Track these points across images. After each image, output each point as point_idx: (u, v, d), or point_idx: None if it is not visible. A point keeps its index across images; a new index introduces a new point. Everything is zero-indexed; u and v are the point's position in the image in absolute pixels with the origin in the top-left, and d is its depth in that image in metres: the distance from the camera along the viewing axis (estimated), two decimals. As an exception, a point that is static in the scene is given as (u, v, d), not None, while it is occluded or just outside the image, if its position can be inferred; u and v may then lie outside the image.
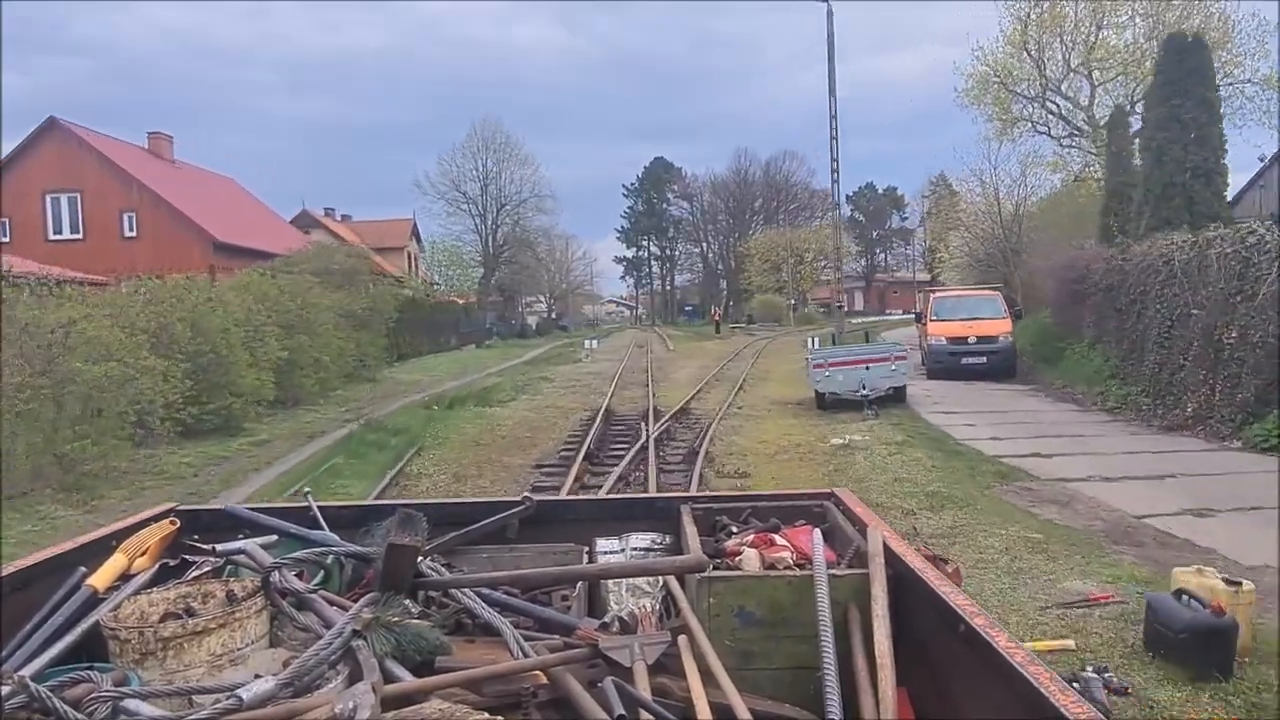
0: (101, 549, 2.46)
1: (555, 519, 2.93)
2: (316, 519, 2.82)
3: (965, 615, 1.80)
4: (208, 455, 13.35)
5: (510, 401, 19.62)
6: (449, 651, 2.05)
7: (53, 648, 2.01)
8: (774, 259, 73.14)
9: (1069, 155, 30.03)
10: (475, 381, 25.05)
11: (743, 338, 49.47)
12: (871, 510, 2.65)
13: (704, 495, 3.10)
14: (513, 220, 63.22)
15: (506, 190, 62.64)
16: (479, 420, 16.44)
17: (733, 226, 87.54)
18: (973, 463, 10.86)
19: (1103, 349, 17.47)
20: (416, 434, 14.30)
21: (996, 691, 1.64)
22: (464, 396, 19.82)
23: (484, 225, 62.35)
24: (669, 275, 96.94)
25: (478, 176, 61.80)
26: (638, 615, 2.31)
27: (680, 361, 32.49)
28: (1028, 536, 7.35)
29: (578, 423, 15.69)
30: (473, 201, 61.72)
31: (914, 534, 7.38)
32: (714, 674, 1.97)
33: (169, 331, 14.28)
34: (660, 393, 20.33)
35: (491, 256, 62.04)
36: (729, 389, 20.69)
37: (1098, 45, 27.89)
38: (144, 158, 33.22)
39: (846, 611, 2.14)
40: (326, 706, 1.65)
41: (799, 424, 14.81)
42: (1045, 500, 8.88)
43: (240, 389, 15.53)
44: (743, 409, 16.99)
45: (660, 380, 24.10)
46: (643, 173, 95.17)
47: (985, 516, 8.04)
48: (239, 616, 2.01)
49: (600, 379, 24.72)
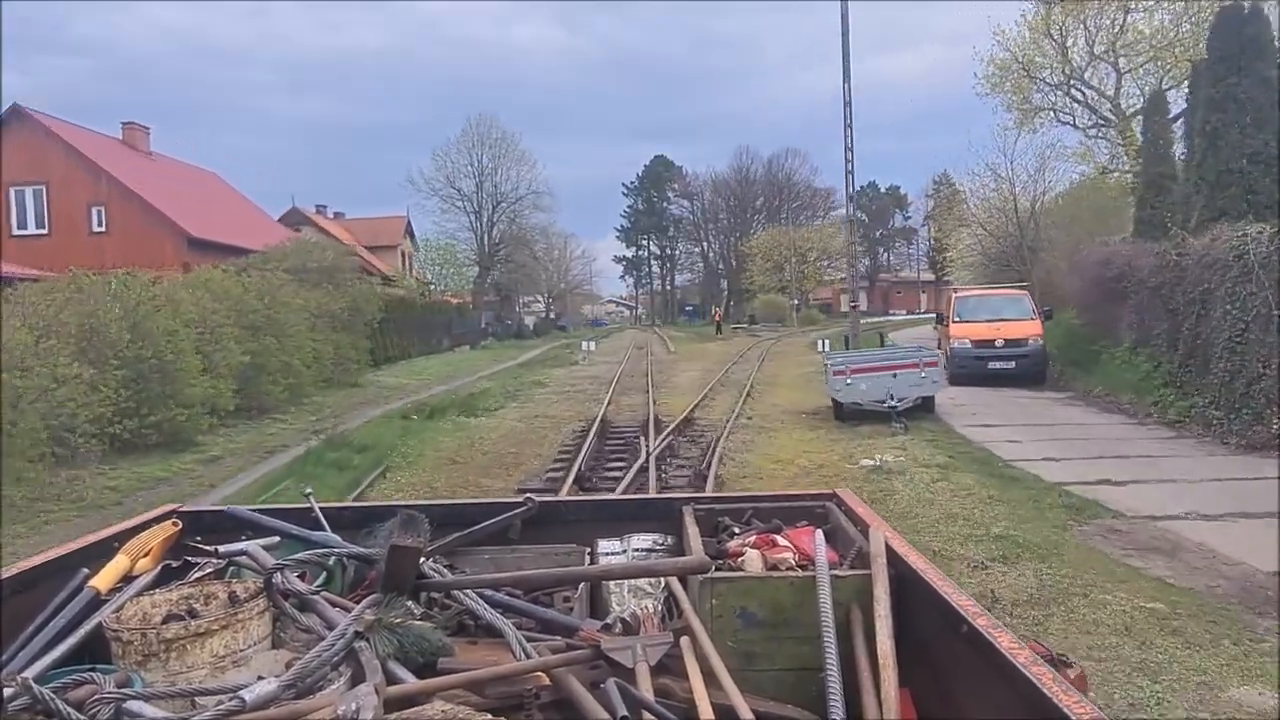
0: (104, 550, 2.53)
1: (557, 520, 2.99)
2: (318, 520, 2.86)
3: (968, 616, 1.85)
4: (142, 477, 11.73)
5: (498, 410, 18.91)
6: (451, 653, 2.12)
7: (55, 649, 2.08)
8: (776, 258, 71.48)
9: (1095, 146, 29.09)
10: (463, 386, 24.52)
11: (745, 339, 48.42)
12: (873, 510, 2.70)
13: (706, 496, 3.20)
14: (509, 218, 62.74)
15: (502, 187, 62.18)
16: (459, 432, 14.98)
17: (734, 225, 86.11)
18: (1034, 492, 9.34)
19: (1150, 353, 15.97)
20: (385, 451, 12.61)
21: (999, 692, 1.68)
22: (448, 404, 19.21)
23: (479, 223, 61.70)
24: (669, 275, 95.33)
25: (473, 173, 61.16)
26: (640, 616, 2.33)
27: (682, 365, 31.48)
28: (1145, 606, 5.80)
29: (570, 435, 15.02)
30: (468, 199, 61.17)
31: (992, 601, 5.65)
32: (716, 675, 2.02)
33: (101, 334, 12.40)
34: (661, 399, 19.55)
35: (487, 255, 61.32)
36: (736, 396, 19.86)
37: (1125, 30, 26.12)
38: (116, 149, 32.09)
39: (849, 612, 2.20)
40: (329, 708, 1.70)
41: (818, 438, 14.07)
42: (1143, 547, 7.30)
43: (189, 399, 13.73)
44: (753, 419, 15.96)
45: (661, 385, 23.38)
46: (643, 171, 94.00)
47: (1077, 573, 6.48)
48: (241, 618, 2.06)
49: (597, 384, 24.07)
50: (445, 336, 42.98)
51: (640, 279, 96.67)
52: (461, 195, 60.88)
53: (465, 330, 47.96)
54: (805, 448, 12.84)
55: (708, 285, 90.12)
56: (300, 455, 12.83)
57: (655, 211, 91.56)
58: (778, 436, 14.03)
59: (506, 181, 61.63)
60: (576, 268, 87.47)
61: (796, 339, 45.76)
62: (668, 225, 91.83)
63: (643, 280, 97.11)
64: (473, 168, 60.75)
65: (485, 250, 61.14)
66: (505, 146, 61.59)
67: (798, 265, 70.36)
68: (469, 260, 61.18)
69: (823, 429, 14.52)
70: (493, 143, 61.17)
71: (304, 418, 17.93)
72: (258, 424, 16.90)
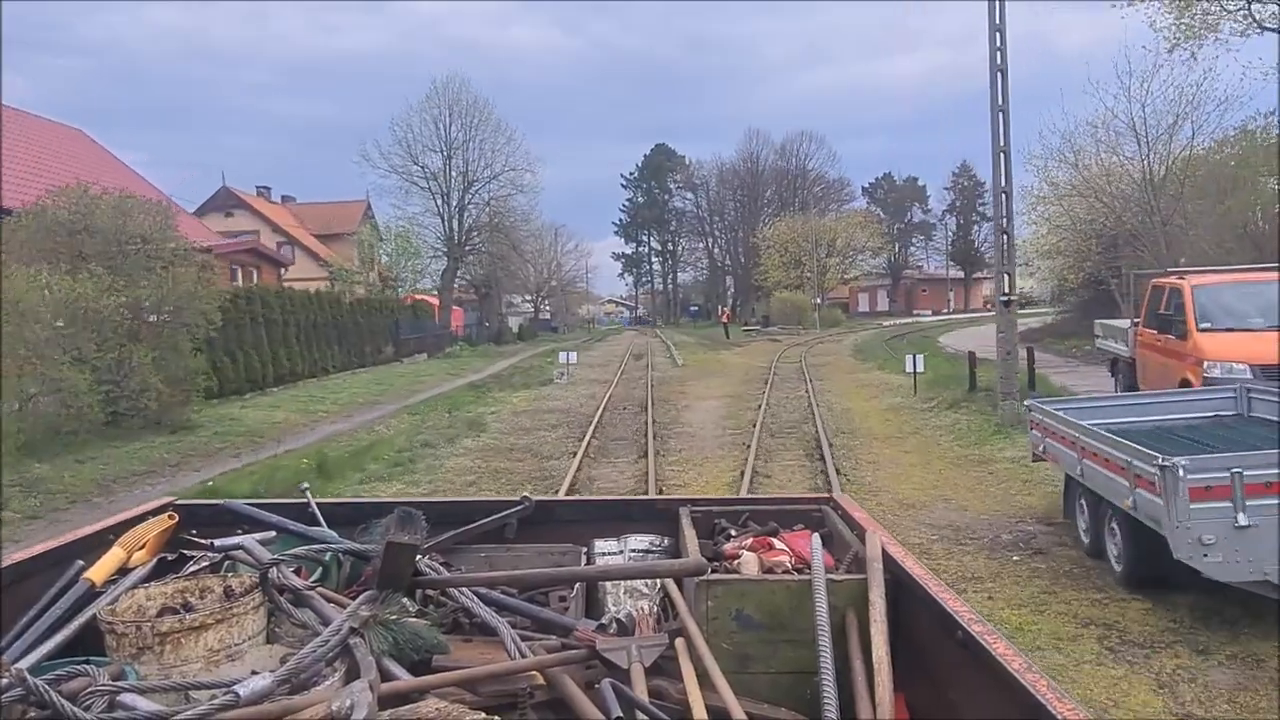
0: (100, 543, 2.56)
1: (554, 519, 3.04)
2: (315, 516, 2.91)
3: (963, 621, 1.87)
4: None
5: (368, 485, 11.52)
6: (446, 650, 2.14)
7: (50, 641, 2.10)
8: (794, 250, 66.09)
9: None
10: (358, 429, 17.29)
11: (765, 345, 42.14)
12: (870, 515, 2.72)
13: (703, 499, 3.16)
14: (483, 201, 52.78)
15: (476, 165, 51.66)
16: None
17: (742, 218, 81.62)
18: None
19: None
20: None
21: (993, 697, 1.70)
22: (287, 475, 11.55)
23: (446, 207, 51.39)
24: (671, 273, 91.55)
25: (439, 146, 50.66)
26: (635, 617, 2.37)
27: (694, 385, 23.18)
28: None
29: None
30: (433, 178, 50.80)
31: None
32: (711, 677, 2.04)
33: None
34: (673, 467, 12.27)
35: (457, 245, 51.35)
36: (806, 458, 12.57)
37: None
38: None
39: (844, 616, 2.22)
40: (323, 704, 1.70)
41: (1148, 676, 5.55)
42: None
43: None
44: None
45: (670, 429, 15.65)
46: (643, 161, 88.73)
47: None
48: (236, 612, 2.09)
49: (567, 425, 16.45)
50: (388, 343, 35.36)
51: (640, 277, 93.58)
52: (426, 173, 50.48)
53: (423, 335, 40.61)
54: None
55: (712, 283, 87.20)
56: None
57: (656, 204, 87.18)
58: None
59: (480, 159, 51.51)
60: (569, 263, 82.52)
61: (828, 345, 39.45)
62: (670, 219, 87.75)
63: (643, 278, 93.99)
64: (439, 140, 50.34)
65: (454, 239, 51.11)
66: (479, 115, 51.14)
67: (823, 259, 65.46)
68: (437, 250, 51.55)
69: (1114, 613, 6.32)
70: (463, 110, 50.56)
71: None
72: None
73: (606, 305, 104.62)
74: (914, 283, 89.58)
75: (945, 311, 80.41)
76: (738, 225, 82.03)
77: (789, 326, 54.85)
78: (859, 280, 78.84)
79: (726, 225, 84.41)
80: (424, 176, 50.04)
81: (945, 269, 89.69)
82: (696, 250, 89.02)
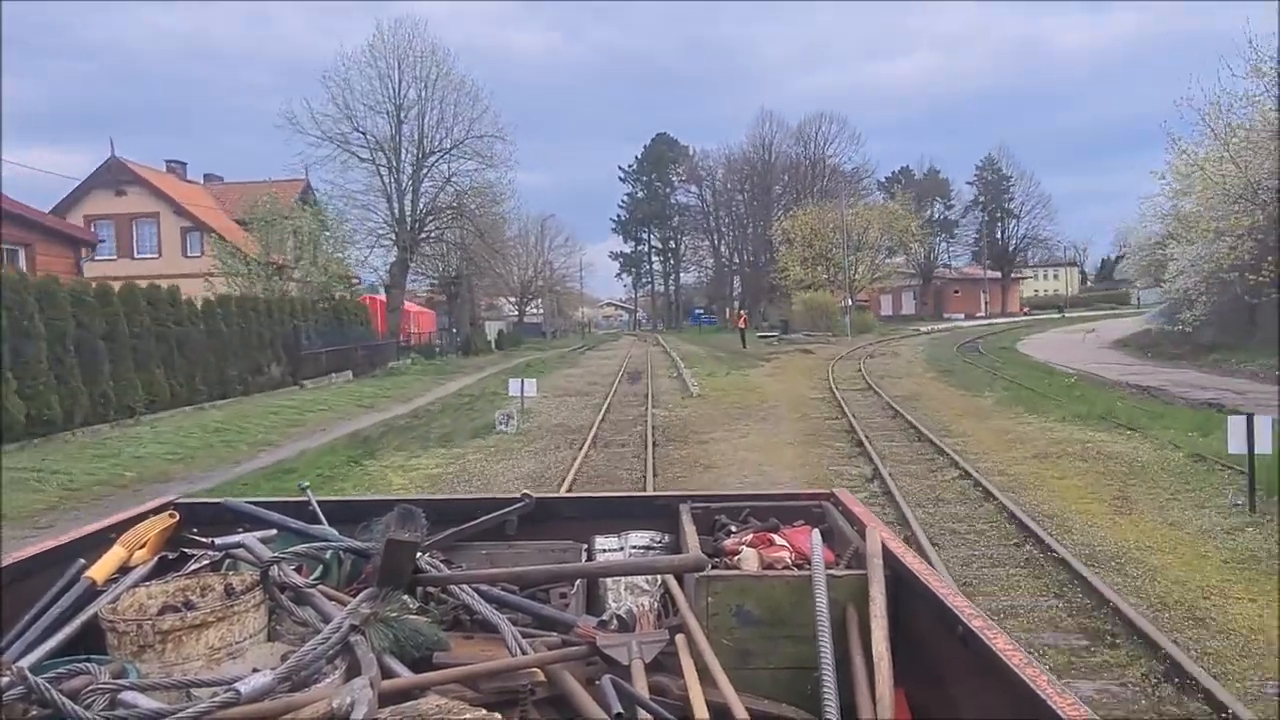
0: (101, 541, 2.58)
1: (554, 516, 3.06)
2: (316, 514, 2.93)
3: (963, 617, 1.88)
4: None
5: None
6: (447, 647, 2.16)
7: (51, 639, 2.12)
8: (819, 244, 57.67)
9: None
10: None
11: (796, 357, 33.29)
12: (870, 511, 2.72)
13: (703, 494, 3.12)
14: (442, 177, 42.37)
15: (433, 132, 41.44)
16: None
17: (752, 211, 73.75)
18: None
19: None
20: None
21: (994, 693, 1.71)
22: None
23: (396, 183, 41.07)
24: (673, 272, 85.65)
25: (387, 107, 40.53)
26: (636, 613, 2.38)
27: (725, 445, 13.58)
28: None
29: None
30: (378, 147, 40.47)
31: None
32: (712, 673, 2.06)
33: None
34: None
35: (408, 231, 41.17)
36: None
37: None
38: None
39: (845, 612, 2.24)
40: (324, 701, 1.71)
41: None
42: None
43: None
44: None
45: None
46: (643, 152, 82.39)
47: None
48: (237, 610, 2.11)
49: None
50: (275, 361, 25.81)
51: (640, 277, 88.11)
52: (370, 142, 40.05)
53: (350, 345, 31.91)
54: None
55: (718, 284, 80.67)
56: None
57: (657, 198, 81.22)
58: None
59: (440, 125, 41.16)
60: (560, 260, 74.82)
61: (884, 360, 30.50)
62: (672, 214, 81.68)
63: (642, 279, 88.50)
64: (388, 99, 40.10)
65: (405, 223, 40.82)
66: (436, 70, 40.58)
67: (855, 252, 56.60)
68: (384, 239, 41.30)
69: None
70: (415, 62, 40.14)
71: None
72: None
73: (605, 308, 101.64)
74: (945, 283, 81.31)
75: (980, 315, 74.07)
76: (747, 219, 74.38)
77: (814, 333, 46.94)
78: (890, 280, 69.19)
79: (735, 219, 76.87)
80: (366, 146, 40.04)
81: (981, 268, 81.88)
82: (701, 248, 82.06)
